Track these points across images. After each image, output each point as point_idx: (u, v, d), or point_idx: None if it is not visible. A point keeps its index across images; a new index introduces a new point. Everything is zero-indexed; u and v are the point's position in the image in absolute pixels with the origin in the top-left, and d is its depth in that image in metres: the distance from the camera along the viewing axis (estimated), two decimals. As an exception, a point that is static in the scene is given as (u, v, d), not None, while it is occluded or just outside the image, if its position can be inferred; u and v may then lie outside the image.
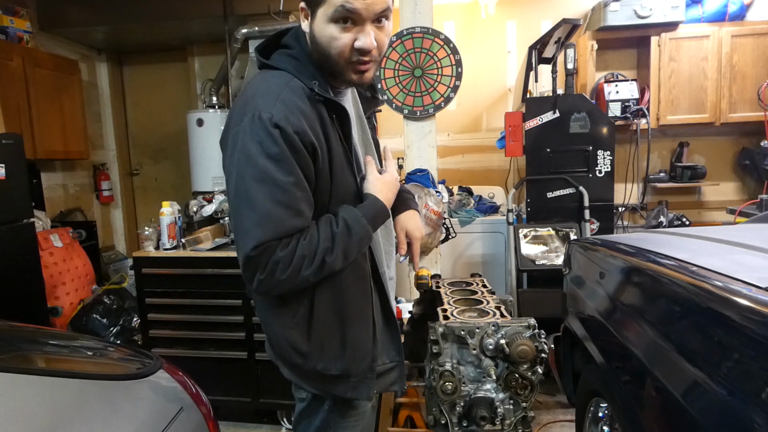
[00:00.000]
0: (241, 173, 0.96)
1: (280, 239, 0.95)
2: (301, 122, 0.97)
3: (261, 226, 0.94)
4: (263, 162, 0.94)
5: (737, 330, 0.91)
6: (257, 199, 0.95)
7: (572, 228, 2.90)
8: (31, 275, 2.82)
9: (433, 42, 2.59)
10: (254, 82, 1.05)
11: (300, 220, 0.98)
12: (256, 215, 0.95)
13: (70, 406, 1.00)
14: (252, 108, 0.97)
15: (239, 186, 0.97)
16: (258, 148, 0.95)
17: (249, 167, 0.95)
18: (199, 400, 1.29)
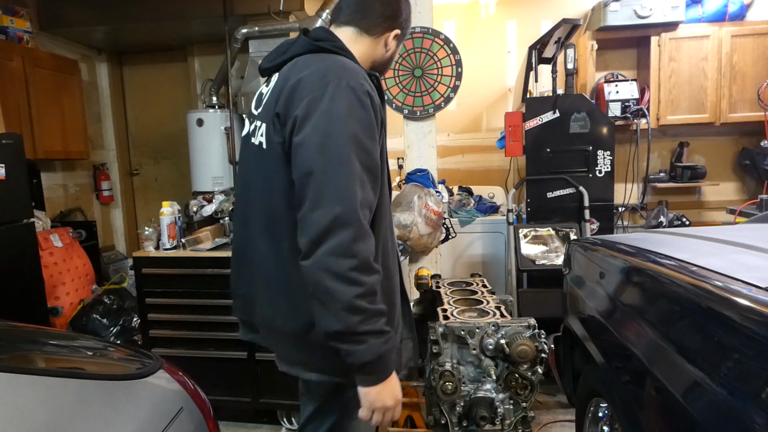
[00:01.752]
0: (328, 133, 1.00)
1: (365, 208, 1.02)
2: (375, 96, 1.10)
3: (359, 185, 1.00)
4: (354, 125, 1.01)
5: (737, 330, 0.91)
6: (351, 160, 1.00)
7: (572, 228, 2.90)
8: (31, 275, 2.82)
9: (433, 42, 2.59)
10: (326, 60, 1.12)
11: (375, 191, 1.07)
12: (354, 174, 1.00)
13: (70, 406, 1.00)
14: (335, 77, 1.04)
15: (328, 146, 1.00)
16: (348, 111, 1.01)
17: (339, 127, 1.00)
18: (199, 400, 1.29)
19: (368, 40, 1.23)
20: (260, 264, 1.18)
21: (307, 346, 1.14)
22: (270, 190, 1.13)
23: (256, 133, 1.20)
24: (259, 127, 1.18)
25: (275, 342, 1.23)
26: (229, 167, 3.68)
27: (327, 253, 0.97)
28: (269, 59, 1.24)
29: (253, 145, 1.20)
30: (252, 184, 1.21)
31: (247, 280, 1.23)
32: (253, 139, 1.21)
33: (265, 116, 1.16)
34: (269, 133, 1.13)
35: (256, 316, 1.22)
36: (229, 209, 2.96)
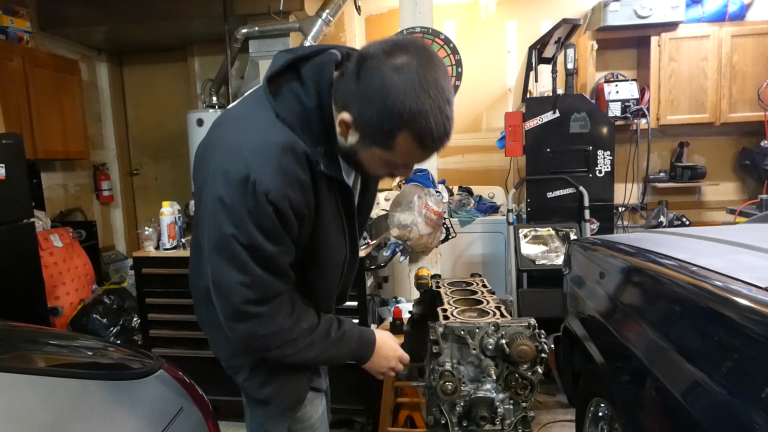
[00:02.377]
0: (225, 232, 0.90)
1: (267, 299, 0.95)
2: (297, 196, 0.91)
3: (250, 288, 0.92)
4: (252, 231, 0.89)
5: (737, 330, 0.91)
6: (243, 262, 0.91)
7: (572, 228, 2.90)
8: (31, 275, 2.82)
9: (433, 42, 2.59)
10: (253, 119, 0.95)
11: (285, 281, 0.98)
12: (243, 277, 0.92)
13: (70, 406, 1.00)
14: (244, 165, 0.87)
15: (222, 243, 0.91)
16: (247, 217, 0.88)
17: (235, 229, 0.89)
18: (199, 400, 1.29)
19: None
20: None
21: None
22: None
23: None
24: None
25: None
26: (229, 167, 3.69)
27: (236, 335, 0.99)
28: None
29: None
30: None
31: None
32: None
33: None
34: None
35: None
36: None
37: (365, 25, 4.20)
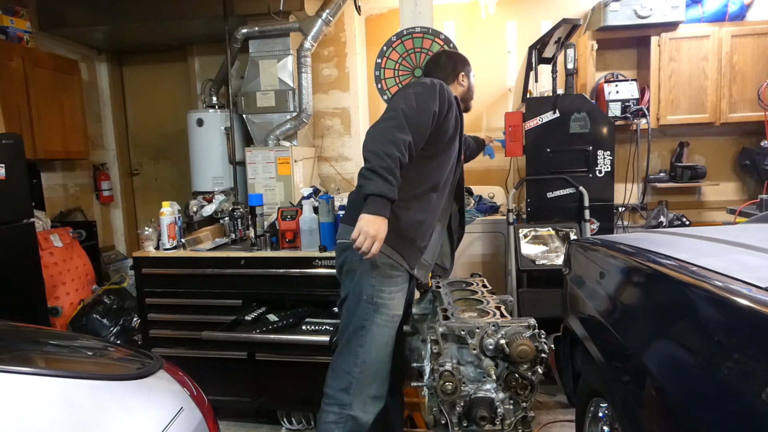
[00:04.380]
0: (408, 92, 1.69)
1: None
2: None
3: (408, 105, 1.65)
4: (421, 92, 1.69)
5: (737, 330, 0.91)
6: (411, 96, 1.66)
7: (572, 228, 2.90)
8: (31, 275, 2.82)
9: (433, 42, 2.59)
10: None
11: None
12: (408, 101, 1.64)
13: (70, 406, 1.00)
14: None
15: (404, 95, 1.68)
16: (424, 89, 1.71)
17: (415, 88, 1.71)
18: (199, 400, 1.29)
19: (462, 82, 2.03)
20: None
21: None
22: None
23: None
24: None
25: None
26: (229, 167, 3.68)
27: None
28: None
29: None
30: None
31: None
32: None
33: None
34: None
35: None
36: (229, 209, 2.96)
37: (365, 25, 4.20)
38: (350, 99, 4.17)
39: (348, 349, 1.73)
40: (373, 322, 1.69)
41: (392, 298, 1.71)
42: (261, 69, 3.60)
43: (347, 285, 1.76)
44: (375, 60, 2.66)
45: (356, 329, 1.71)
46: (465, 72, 2.01)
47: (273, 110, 3.56)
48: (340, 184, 4.24)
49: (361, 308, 1.70)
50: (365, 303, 1.69)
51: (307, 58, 3.54)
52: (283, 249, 2.52)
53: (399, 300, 1.74)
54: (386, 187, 1.50)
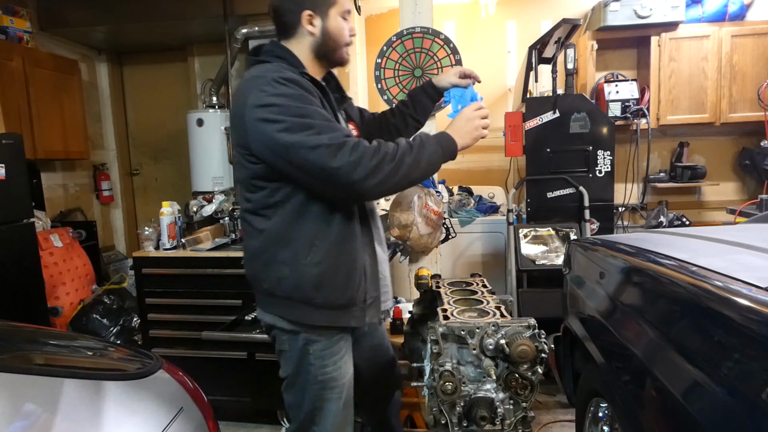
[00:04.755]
0: (274, 119, 1.18)
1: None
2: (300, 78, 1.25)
3: (323, 132, 1.19)
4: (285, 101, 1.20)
5: (737, 330, 0.91)
6: (310, 119, 1.19)
7: (572, 228, 2.90)
8: (31, 275, 2.82)
9: (433, 42, 2.58)
10: (250, 73, 1.29)
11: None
12: (314, 128, 1.19)
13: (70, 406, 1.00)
14: (269, 74, 1.22)
15: (279, 134, 1.17)
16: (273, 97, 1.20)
17: (277, 114, 1.19)
18: (199, 400, 1.29)
19: (293, 41, 1.36)
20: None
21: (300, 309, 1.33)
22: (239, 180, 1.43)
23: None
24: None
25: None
26: (229, 167, 3.68)
27: (353, 182, 1.27)
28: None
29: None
30: None
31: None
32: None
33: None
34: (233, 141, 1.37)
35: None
36: (229, 209, 2.96)
37: (365, 25, 4.20)
38: (350, 99, 4.17)
39: (303, 429, 1.45)
40: (325, 400, 1.40)
41: (339, 367, 1.40)
42: (261, 69, 3.59)
43: (284, 367, 1.45)
44: (375, 60, 2.66)
45: (309, 412, 1.42)
46: (314, 8, 1.32)
47: (273, 110, 3.56)
48: (340, 184, 4.24)
49: (308, 391, 1.40)
50: (311, 385, 1.39)
51: (307, 58, 3.54)
52: (283, 249, 2.52)
53: (347, 362, 1.45)
54: (431, 142, 1.31)
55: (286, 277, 1.30)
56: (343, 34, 1.37)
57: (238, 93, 1.28)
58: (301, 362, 1.37)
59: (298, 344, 1.36)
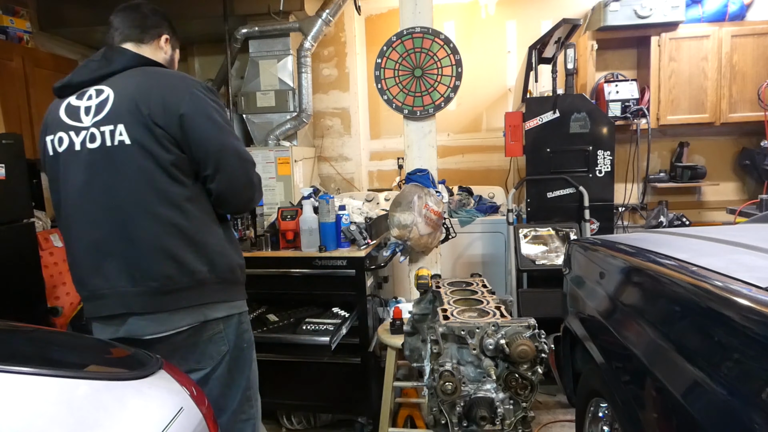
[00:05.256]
0: (225, 130, 1.39)
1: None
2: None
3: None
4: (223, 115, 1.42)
5: (737, 330, 0.91)
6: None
7: (572, 228, 2.90)
8: (31, 275, 2.82)
9: (433, 42, 2.59)
10: (167, 71, 1.44)
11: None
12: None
13: (70, 406, 1.00)
14: (193, 82, 1.39)
15: (225, 129, 1.40)
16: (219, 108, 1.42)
17: (223, 120, 1.40)
18: (199, 400, 1.29)
19: (147, 48, 1.50)
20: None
21: (228, 289, 1.47)
22: (142, 176, 1.33)
23: (101, 137, 1.33)
24: (105, 131, 1.33)
25: (170, 301, 1.37)
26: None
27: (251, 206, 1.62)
28: (86, 73, 1.43)
29: (92, 150, 1.34)
30: (99, 183, 1.35)
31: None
32: (92, 144, 1.34)
33: (121, 119, 1.32)
34: (134, 132, 1.31)
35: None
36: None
37: (365, 25, 4.20)
38: (350, 99, 4.17)
39: (242, 409, 1.54)
40: (251, 361, 1.57)
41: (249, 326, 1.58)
42: (261, 69, 3.60)
43: (214, 353, 1.47)
44: (375, 60, 2.66)
45: (252, 380, 1.56)
46: (170, 36, 1.56)
47: (273, 110, 3.57)
48: (340, 184, 4.24)
49: (243, 361, 1.52)
50: (246, 351, 1.53)
51: (307, 58, 3.54)
52: (283, 249, 2.52)
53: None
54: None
55: (216, 259, 1.42)
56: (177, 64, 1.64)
57: (164, 84, 1.36)
58: (233, 347, 1.50)
59: (225, 334, 1.47)
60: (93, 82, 1.39)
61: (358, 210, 2.80)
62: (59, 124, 1.38)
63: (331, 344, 2.17)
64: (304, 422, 2.60)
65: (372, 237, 2.56)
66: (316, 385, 2.46)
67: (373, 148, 4.31)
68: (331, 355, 2.28)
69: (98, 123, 1.33)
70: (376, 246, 2.62)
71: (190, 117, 1.33)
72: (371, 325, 2.53)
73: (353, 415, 2.55)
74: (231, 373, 1.50)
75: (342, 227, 2.45)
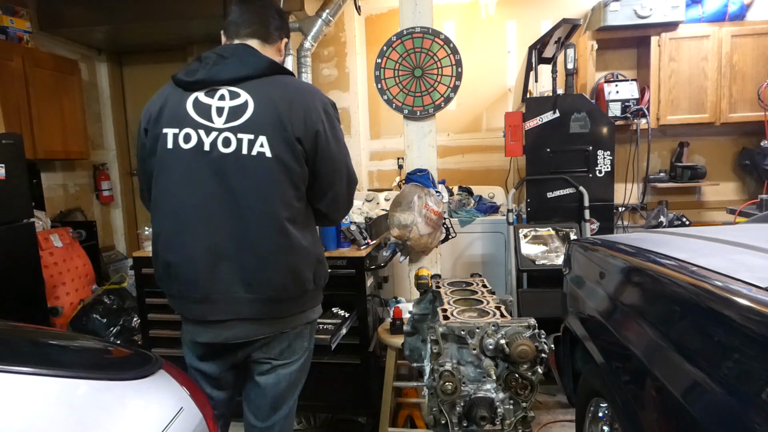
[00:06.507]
0: (344, 150, 1.46)
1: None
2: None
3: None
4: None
5: (737, 330, 0.91)
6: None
7: (572, 228, 2.90)
8: (31, 275, 2.82)
9: (433, 42, 2.59)
10: (302, 84, 1.45)
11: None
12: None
13: (70, 406, 1.01)
14: (324, 98, 1.42)
15: (345, 154, 1.48)
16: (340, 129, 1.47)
17: (343, 138, 1.46)
18: (199, 400, 1.29)
19: (271, 49, 1.46)
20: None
21: (307, 297, 1.47)
22: (276, 189, 1.32)
23: (237, 144, 1.30)
24: (243, 139, 1.30)
25: (283, 308, 1.41)
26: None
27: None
28: (220, 72, 1.34)
29: (225, 154, 1.30)
30: (228, 188, 1.32)
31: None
32: (225, 148, 1.30)
33: (263, 131, 1.30)
34: (277, 146, 1.30)
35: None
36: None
37: (365, 25, 4.20)
38: (350, 99, 4.17)
39: (291, 413, 1.61)
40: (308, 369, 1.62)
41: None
42: (261, 69, 3.59)
43: (304, 358, 1.55)
44: (375, 60, 2.66)
45: (299, 392, 1.61)
46: (288, 39, 1.56)
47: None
48: (340, 184, 4.24)
49: (308, 364, 1.60)
50: (310, 355, 1.60)
51: (307, 58, 3.54)
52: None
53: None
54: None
55: (318, 269, 1.45)
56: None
57: (301, 99, 1.35)
58: (310, 346, 1.56)
59: (309, 331, 1.53)
60: (227, 82, 1.33)
61: (358, 210, 2.80)
62: (186, 119, 1.32)
63: (330, 344, 2.17)
64: (304, 422, 2.60)
65: (372, 237, 2.56)
66: (316, 385, 2.45)
67: (373, 148, 4.31)
68: (331, 355, 2.28)
69: (235, 129, 1.30)
70: (376, 246, 2.62)
71: (323, 136, 1.36)
72: (371, 325, 2.52)
73: (353, 415, 2.55)
74: (301, 372, 1.56)
75: (342, 227, 2.45)
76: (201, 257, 1.31)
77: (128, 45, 4.37)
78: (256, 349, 1.44)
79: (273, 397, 1.50)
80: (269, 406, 1.50)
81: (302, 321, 1.47)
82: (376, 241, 2.61)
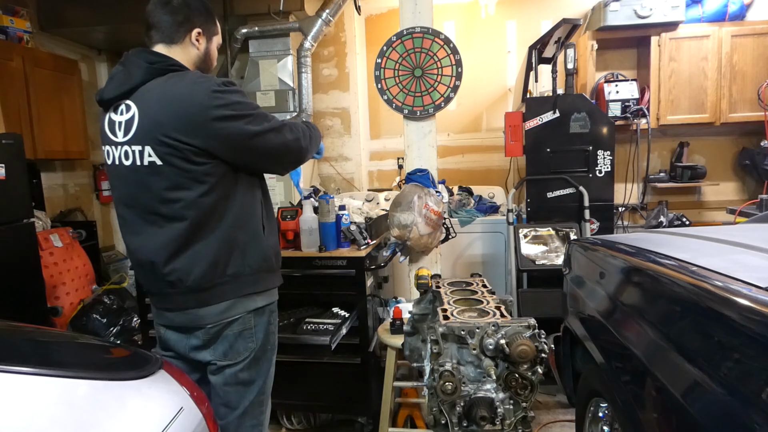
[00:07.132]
0: (258, 119, 1.38)
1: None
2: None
3: (272, 118, 1.44)
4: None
5: (737, 330, 0.91)
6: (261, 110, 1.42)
7: (572, 228, 2.90)
8: (31, 275, 2.82)
9: (433, 42, 2.58)
10: (182, 80, 1.36)
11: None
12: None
13: (70, 406, 1.00)
14: (207, 84, 1.33)
15: (246, 126, 1.36)
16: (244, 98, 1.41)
17: (246, 108, 1.37)
18: (199, 400, 1.29)
19: (178, 48, 1.44)
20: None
21: (262, 281, 1.50)
22: (177, 192, 1.36)
23: (133, 156, 1.36)
24: (135, 151, 1.35)
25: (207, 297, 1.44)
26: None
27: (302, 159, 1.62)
28: (113, 89, 1.39)
29: (128, 167, 1.37)
30: (137, 197, 1.40)
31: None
32: (126, 161, 1.37)
33: (147, 140, 1.33)
34: (162, 152, 1.32)
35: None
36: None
37: (365, 25, 4.20)
38: (350, 99, 4.17)
39: (252, 413, 1.56)
40: (273, 365, 1.61)
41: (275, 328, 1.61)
42: (261, 69, 3.60)
43: (246, 346, 1.50)
44: (375, 60, 2.66)
45: (265, 385, 1.58)
46: (203, 30, 1.46)
47: (273, 110, 3.57)
48: (340, 184, 4.25)
49: (268, 362, 1.58)
50: (270, 354, 1.58)
51: (307, 58, 3.55)
52: (283, 249, 2.52)
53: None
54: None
55: (252, 254, 1.45)
56: (215, 60, 1.56)
57: (178, 98, 1.31)
58: (264, 331, 1.53)
59: (264, 316, 1.52)
60: (122, 97, 1.38)
61: (358, 210, 2.80)
62: (105, 137, 1.43)
63: (331, 344, 2.17)
64: (304, 422, 2.60)
65: (372, 237, 2.56)
66: (316, 385, 2.46)
67: (373, 148, 4.31)
68: (331, 355, 2.28)
69: (129, 142, 1.36)
70: (376, 246, 2.62)
71: (219, 123, 1.32)
72: (371, 325, 2.52)
73: (353, 415, 2.55)
74: (251, 372, 1.53)
75: (342, 227, 2.45)
76: (133, 260, 1.49)
77: (128, 45, 4.31)
78: (207, 345, 1.48)
79: (223, 397, 1.53)
80: (222, 404, 1.53)
81: (240, 310, 1.46)
82: (376, 241, 2.61)
